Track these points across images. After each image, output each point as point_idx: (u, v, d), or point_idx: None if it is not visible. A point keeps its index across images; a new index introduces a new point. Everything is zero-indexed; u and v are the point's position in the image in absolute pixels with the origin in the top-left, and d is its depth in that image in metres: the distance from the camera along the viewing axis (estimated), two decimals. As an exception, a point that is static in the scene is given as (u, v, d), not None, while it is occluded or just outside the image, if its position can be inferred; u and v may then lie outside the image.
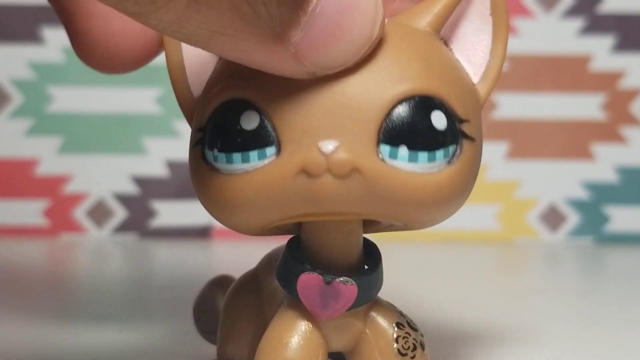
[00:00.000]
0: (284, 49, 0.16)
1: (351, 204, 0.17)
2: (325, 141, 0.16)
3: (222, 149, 0.17)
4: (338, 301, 0.18)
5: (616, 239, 0.52)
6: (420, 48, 0.18)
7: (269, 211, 0.17)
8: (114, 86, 0.51)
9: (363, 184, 0.17)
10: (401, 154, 0.17)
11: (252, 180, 0.17)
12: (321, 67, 0.16)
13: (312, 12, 0.15)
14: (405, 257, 0.45)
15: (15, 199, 0.51)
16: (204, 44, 0.16)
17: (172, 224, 0.51)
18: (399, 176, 0.17)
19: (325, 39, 0.16)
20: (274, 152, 0.17)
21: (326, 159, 0.16)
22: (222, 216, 0.18)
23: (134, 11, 0.14)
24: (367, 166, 0.17)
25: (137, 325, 0.28)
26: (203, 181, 0.18)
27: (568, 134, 0.52)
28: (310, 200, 0.17)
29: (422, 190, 0.17)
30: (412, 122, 0.17)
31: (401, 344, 0.19)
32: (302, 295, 0.18)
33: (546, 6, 0.52)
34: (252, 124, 0.17)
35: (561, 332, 0.28)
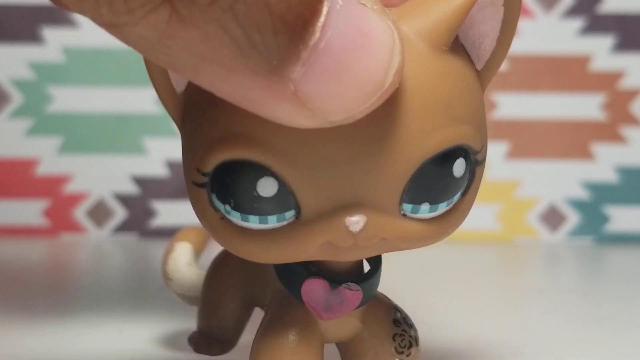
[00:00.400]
0: (282, 87, 0.14)
1: (372, 254, 0.17)
2: (352, 218, 0.16)
3: (236, 208, 0.16)
4: (342, 305, 0.18)
5: (616, 239, 0.52)
6: (439, 88, 0.16)
7: (281, 258, 0.17)
8: (114, 86, 0.51)
9: (386, 244, 0.17)
10: (423, 209, 0.17)
11: (272, 240, 0.16)
12: (325, 112, 0.14)
13: (315, 46, 0.14)
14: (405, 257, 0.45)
15: (15, 199, 0.51)
16: (193, 71, 0.14)
17: (172, 224, 0.51)
18: (420, 227, 0.17)
19: (328, 79, 0.14)
20: (293, 214, 0.16)
21: (353, 236, 0.16)
22: (235, 253, 0.17)
23: (110, 21, 0.13)
24: (391, 233, 0.16)
25: (137, 325, 0.28)
26: (213, 225, 0.17)
27: (568, 134, 0.52)
28: (330, 256, 0.17)
29: (441, 229, 0.17)
30: (435, 182, 0.16)
31: (398, 342, 0.19)
32: (306, 299, 0.18)
33: (546, 6, 0.52)
34: (270, 191, 0.16)
35: (561, 332, 0.28)
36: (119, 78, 0.51)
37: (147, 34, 0.13)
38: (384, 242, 0.17)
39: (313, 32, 0.14)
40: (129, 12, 0.13)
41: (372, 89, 0.14)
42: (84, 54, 0.50)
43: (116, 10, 0.13)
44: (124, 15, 0.13)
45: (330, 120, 0.14)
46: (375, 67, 0.14)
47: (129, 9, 0.13)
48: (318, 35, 0.14)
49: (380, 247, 0.17)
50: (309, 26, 0.14)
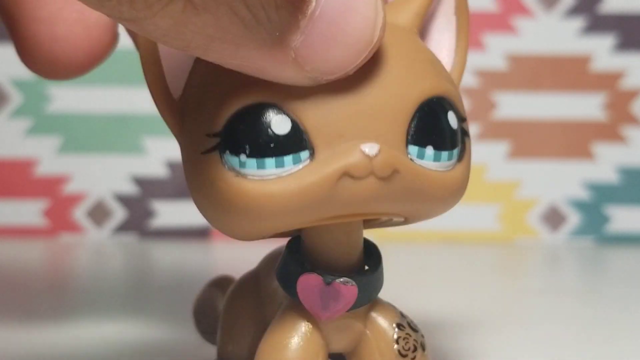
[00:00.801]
0: (284, 55, 0.15)
1: (388, 204, 0.17)
2: (368, 144, 0.16)
3: (251, 154, 0.16)
4: (338, 302, 0.18)
5: (617, 239, 0.52)
6: (421, 50, 0.18)
7: (302, 214, 0.17)
8: (114, 86, 0.51)
9: (401, 184, 0.17)
10: (428, 154, 0.17)
11: (290, 185, 0.16)
12: (322, 72, 0.16)
13: (312, 15, 0.15)
14: (405, 257, 0.45)
15: (15, 199, 0.51)
16: (203, 51, 0.15)
17: (172, 224, 0.51)
18: (428, 175, 0.17)
19: (326, 42, 0.15)
20: (308, 156, 0.17)
21: (370, 162, 0.16)
22: (249, 223, 0.17)
23: (130, 17, 0.14)
24: (404, 167, 0.17)
25: (137, 325, 0.28)
26: (225, 189, 0.17)
27: (569, 134, 0.52)
28: (351, 203, 0.17)
29: (445, 187, 0.18)
30: (435, 123, 0.17)
31: (402, 345, 0.19)
32: (302, 296, 0.18)
33: (547, 6, 0.52)
34: (284, 128, 0.16)
35: (562, 332, 0.28)
36: (119, 78, 0.50)
37: (163, 24, 0.14)
38: (399, 181, 0.17)
39: (309, 2, 0.15)
40: (148, 7, 0.14)
41: (363, 46, 0.16)
42: (84, 53, 0.50)
43: (136, 7, 0.14)
44: (143, 11, 0.14)
45: (327, 78, 0.16)
46: (364, 26, 0.16)
47: (148, 4, 0.14)
48: (314, 4, 0.15)
49: (397, 190, 0.17)
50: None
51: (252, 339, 0.21)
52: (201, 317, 0.25)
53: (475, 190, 0.50)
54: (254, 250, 0.22)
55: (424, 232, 0.50)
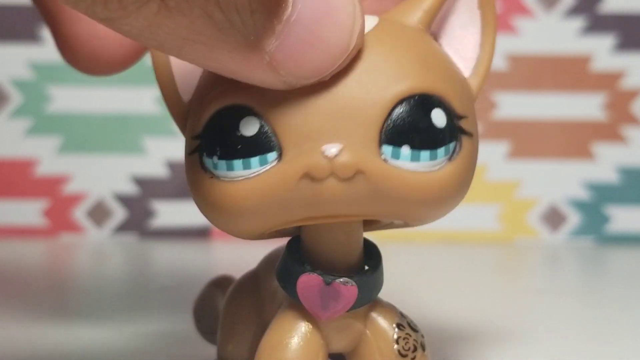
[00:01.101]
0: (259, 58, 0.15)
1: (355, 206, 0.17)
2: (328, 145, 0.16)
3: (222, 156, 0.17)
4: (338, 302, 0.18)
5: (617, 239, 0.52)
6: (414, 46, 0.18)
7: (271, 216, 0.17)
8: (114, 86, 0.51)
9: (367, 186, 0.17)
10: (403, 153, 0.17)
11: (254, 186, 0.17)
12: (297, 77, 0.16)
13: (287, 20, 0.15)
14: (405, 258, 0.45)
15: (15, 199, 0.51)
16: (178, 52, 0.15)
17: (172, 224, 0.51)
18: (402, 176, 0.17)
19: (300, 48, 0.15)
20: (276, 157, 0.17)
21: (330, 163, 0.16)
22: (224, 223, 0.18)
23: (104, 17, 0.14)
24: (370, 168, 0.16)
25: (137, 325, 0.28)
26: (203, 189, 0.17)
27: (569, 134, 0.52)
28: (314, 204, 0.17)
29: (425, 188, 0.17)
30: (412, 122, 0.17)
31: (402, 345, 0.19)
32: (302, 296, 0.18)
33: (547, 6, 0.52)
34: (251, 129, 0.17)
35: (562, 333, 0.28)
36: (119, 78, 0.50)
37: (137, 24, 0.14)
38: (365, 183, 0.17)
39: (285, 7, 0.15)
40: (122, 8, 0.14)
41: (339, 53, 0.16)
42: (84, 53, 0.50)
43: (110, 8, 0.14)
44: (117, 11, 0.14)
45: (301, 83, 0.16)
46: (340, 33, 0.16)
47: (122, 5, 0.14)
48: (290, 9, 0.15)
49: (363, 192, 0.17)
50: (282, 2, 0.15)
51: (252, 338, 0.21)
52: (201, 316, 0.25)
53: (475, 190, 0.50)
54: (254, 250, 0.22)
55: (424, 232, 0.50)
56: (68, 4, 0.14)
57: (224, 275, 0.25)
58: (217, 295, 0.25)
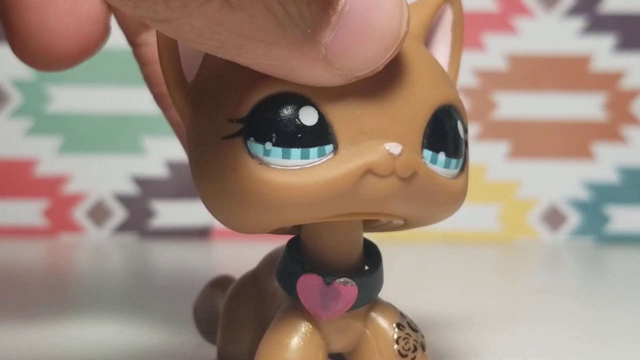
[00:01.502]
0: (315, 52, 0.15)
1: (404, 205, 0.17)
2: (392, 143, 0.17)
3: (277, 143, 0.16)
4: (338, 302, 0.18)
5: (617, 239, 0.52)
6: (432, 58, 0.18)
7: (321, 208, 0.17)
8: (114, 86, 0.51)
9: (418, 187, 0.17)
10: (440, 159, 0.18)
11: (313, 177, 0.16)
12: (352, 69, 0.16)
13: (342, 10, 0.15)
14: (405, 258, 0.45)
15: (15, 199, 0.51)
16: (237, 51, 0.15)
17: (172, 224, 0.51)
18: (440, 180, 0.18)
19: (355, 38, 0.16)
20: (332, 149, 0.17)
21: (394, 161, 0.17)
22: (267, 214, 0.17)
23: (165, 17, 0.14)
24: (422, 169, 0.17)
25: (137, 325, 0.28)
26: (246, 177, 0.17)
27: (568, 134, 0.52)
28: (370, 201, 0.17)
29: (452, 194, 0.18)
30: (448, 130, 0.18)
31: (401, 345, 0.19)
32: (302, 296, 0.18)
33: (547, 6, 0.52)
34: (311, 119, 0.17)
35: (561, 332, 0.28)
36: (119, 78, 0.50)
37: (198, 23, 0.14)
38: (417, 183, 0.17)
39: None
40: (184, 6, 0.14)
41: (391, 41, 0.16)
42: (84, 53, 0.50)
43: (172, 6, 0.14)
44: (179, 10, 0.14)
45: (356, 75, 0.16)
46: (391, 20, 0.16)
47: (184, 3, 0.14)
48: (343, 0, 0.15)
49: (412, 192, 0.17)
50: None
51: (252, 338, 0.21)
52: (201, 316, 0.25)
53: (475, 190, 0.50)
54: (254, 250, 0.22)
55: (424, 232, 0.50)
56: (128, 6, 0.14)
57: (224, 275, 0.25)
58: (217, 295, 0.24)
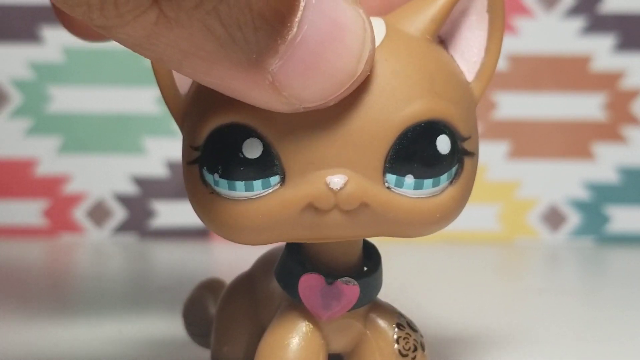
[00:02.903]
0: (261, 78, 0.15)
1: (356, 231, 0.17)
2: (334, 177, 0.16)
3: (223, 175, 0.17)
4: (340, 302, 0.18)
5: (617, 239, 0.51)
6: (423, 65, 0.17)
7: (272, 235, 0.17)
8: (114, 86, 0.51)
9: (370, 215, 0.17)
10: (407, 182, 0.17)
11: (257, 209, 0.17)
12: (300, 100, 0.15)
13: (292, 40, 0.15)
14: (405, 258, 0.45)
15: (15, 199, 0.51)
16: (177, 65, 0.15)
17: (172, 224, 0.51)
18: (405, 203, 0.17)
19: (304, 70, 0.15)
20: (279, 180, 0.17)
21: (334, 195, 0.16)
22: (223, 235, 0.18)
23: (100, 24, 0.14)
24: (374, 199, 0.16)
25: (137, 325, 0.28)
26: (202, 202, 0.17)
27: (569, 134, 0.52)
28: (316, 230, 0.17)
29: (427, 212, 0.17)
30: (418, 151, 0.17)
31: (402, 345, 0.19)
32: (303, 296, 0.18)
33: (547, 6, 0.52)
34: (255, 152, 0.16)
35: (562, 333, 0.28)
36: (119, 78, 0.50)
37: (135, 34, 0.14)
38: (369, 214, 0.17)
39: (290, 27, 0.14)
40: (119, 16, 0.14)
41: (345, 78, 0.15)
42: (84, 54, 0.50)
43: (107, 15, 0.14)
44: (114, 19, 0.14)
45: (305, 106, 0.16)
46: (347, 58, 0.15)
47: (119, 13, 0.14)
48: (295, 30, 0.15)
49: (369, 223, 0.17)
50: (287, 22, 0.14)
51: (247, 340, 0.21)
52: (192, 319, 0.25)
53: (475, 190, 0.50)
54: (254, 250, 0.22)
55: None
56: (65, 8, 0.14)
57: (213, 277, 0.25)
58: (207, 298, 0.24)
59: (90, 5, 0.14)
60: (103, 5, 0.14)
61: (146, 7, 0.14)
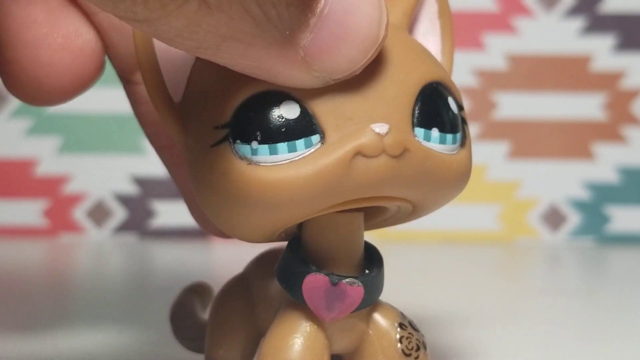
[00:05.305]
0: (294, 53, 0.15)
1: (401, 186, 0.17)
2: (377, 124, 0.17)
3: (263, 140, 0.16)
4: (343, 303, 0.18)
5: (617, 239, 0.52)
6: (414, 42, 0.19)
7: (317, 200, 0.17)
8: (114, 86, 0.50)
9: (413, 164, 0.17)
10: (434, 136, 0.17)
11: (303, 169, 0.16)
12: (330, 72, 0.16)
13: (321, 13, 0.15)
14: (405, 258, 0.45)
15: (15, 199, 0.51)
16: (214, 51, 0.15)
17: (172, 224, 0.51)
18: (436, 156, 0.17)
19: (334, 41, 0.16)
20: (319, 139, 0.17)
21: (381, 140, 0.17)
22: (257, 215, 0.17)
23: (144, 17, 0.14)
24: (414, 146, 0.17)
25: (137, 325, 0.28)
26: (237, 180, 0.17)
27: (569, 134, 0.52)
28: (365, 184, 0.17)
29: (453, 169, 0.18)
30: (438, 106, 0.18)
31: (405, 345, 0.19)
32: (307, 297, 0.18)
33: (547, 6, 0.52)
34: (294, 113, 0.17)
35: (562, 333, 0.28)
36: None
37: (177, 24, 0.14)
38: (410, 160, 0.17)
39: (319, 0, 0.15)
40: (162, 7, 0.14)
41: (370, 44, 0.16)
42: (84, 53, 0.50)
43: (151, 7, 0.14)
44: (158, 11, 0.14)
45: (334, 78, 0.16)
46: (370, 24, 0.16)
47: (162, 4, 0.14)
48: (322, 2, 0.15)
49: (408, 170, 0.17)
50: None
51: (243, 342, 0.21)
52: (179, 323, 0.25)
53: (475, 190, 0.50)
54: (254, 250, 0.22)
55: (424, 232, 0.50)
56: (108, 5, 0.14)
57: (199, 281, 0.25)
58: (194, 302, 0.24)
59: (135, 0, 0.14)
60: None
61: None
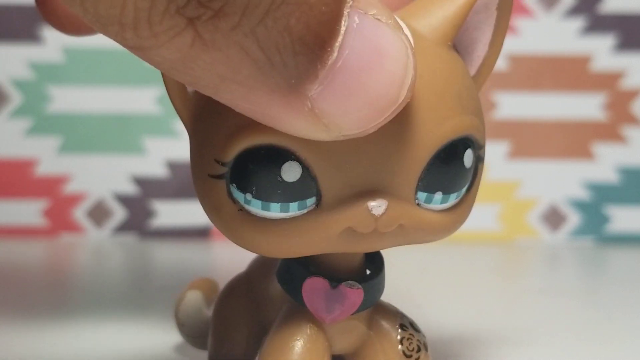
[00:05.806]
0: (300, 104, 0.14)
1: (385, 245, 0.17)
2: (374, 202, 0.16)
3: (257, 196, 0.16)
4: (343, 305, 0.18)
5: (617, 239, 0.51)
6: (451, 79, 0.17)
7: (301, 251, 0.17)
8: (114, 86, 0.51)
9: (401, 232, 0.17)
10: (436, 198, 0.17)
11: (291, 229, 0.16)
12: (340, 128, 0.15)
13: (332, 65, 0.14)
14: (405, 258, 0.45)
15: (15, 199, 0.51)
16: (214, 90, 0.14)
17: (172, 224, 0.51)
18: (432, 217, 0.17)
19: (346, 96, 0.14)
20: (314, 202, 0.16)
21: (375, 220, 0.16)
22: (251, 249, 0.17)
23: (134, 44, 0.14)
24: (408, 219, 0.17)
25: (137, 325, 0.28)
26: (229, 218, 0.17)
27: (569, 134, 0.52)
28: (349, 247, 0.17)
29: (450, 222, 0.18)
30: (448, 170, 0.17)
31: (406, 346, 0.19)
32: (307, 299, 0.18)
33: (547, 6, 0.52)
34: (294, 175, 0.16)
35: (562, 333, 0.28)
36: (119, 78, 0.50)
37: (170, 56, 0.14)
38: (401, 231, 0.17)
39: (331, 52, 0.14)
40: (154, 37, 0.13)
41: (386, 105, 0.15)
42: (84, 54, 0.50)
43: (141, 35, 0.13)
44: (149, 40, 0.13)
45: (344, 134, 0.15)
46: (389, 84, 0.14)
47: (153, 33, 0.13)
48: (335, 54, 0.14)
49: (397, 237, 0.17)
50: (327, 46, 0.14)
51: (246, 340, 0.21)
52: (183, 320, 0.25)
53: (475, 190, 0.50)
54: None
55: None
56: (97, 27, 0.14)
57: (204, 277, 0.25)
58: (198, 298, 0.24)
59: (123, 25, 0.13)
60: (136, 24, 0.13)
61: (181, 28, 0.13)
